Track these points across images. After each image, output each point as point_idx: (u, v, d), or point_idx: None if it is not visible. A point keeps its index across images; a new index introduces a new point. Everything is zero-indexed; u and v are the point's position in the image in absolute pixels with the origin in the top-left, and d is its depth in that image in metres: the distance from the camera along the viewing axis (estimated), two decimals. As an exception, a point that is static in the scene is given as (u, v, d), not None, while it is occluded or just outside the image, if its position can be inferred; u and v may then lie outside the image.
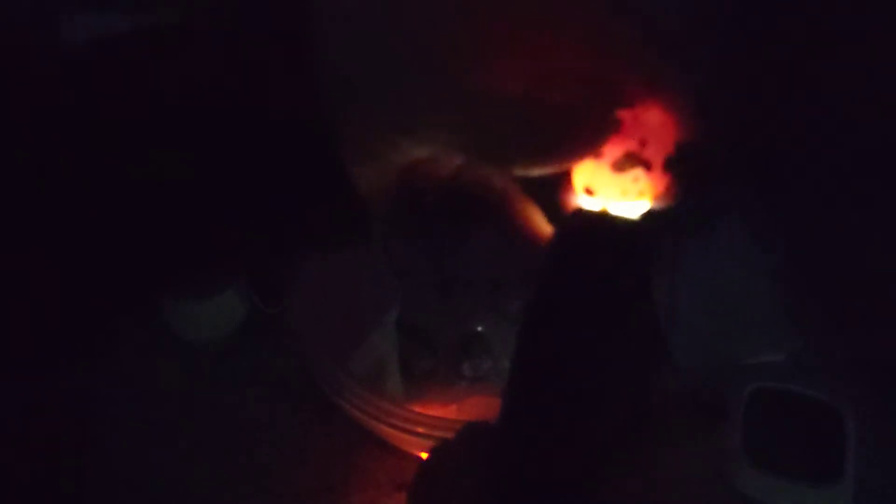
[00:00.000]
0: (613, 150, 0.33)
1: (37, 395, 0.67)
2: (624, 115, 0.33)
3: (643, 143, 0.33)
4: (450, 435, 0.59)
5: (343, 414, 0.62)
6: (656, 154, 0.34)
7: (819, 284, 0.74)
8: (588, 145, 0.32)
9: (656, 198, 0.35)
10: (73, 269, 0.30)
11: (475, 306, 0.70)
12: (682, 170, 0.34)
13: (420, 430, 0.59)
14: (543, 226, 0.37)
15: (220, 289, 0.70)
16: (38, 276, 0.29)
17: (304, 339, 0.64)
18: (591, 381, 0.31)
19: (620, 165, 0.34)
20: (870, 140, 0.68)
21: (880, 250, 0.68)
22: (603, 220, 0.34)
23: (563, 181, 0.36)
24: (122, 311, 0.33)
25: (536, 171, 0.33)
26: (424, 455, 0.63)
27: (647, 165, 0.33)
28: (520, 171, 0.33)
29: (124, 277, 0.31)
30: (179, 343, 0.72)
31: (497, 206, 0.37)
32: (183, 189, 0.28)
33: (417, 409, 0.61)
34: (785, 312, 0.72)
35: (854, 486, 0.58)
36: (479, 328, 0.69)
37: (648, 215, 0.35)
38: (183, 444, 0.66)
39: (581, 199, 0.36)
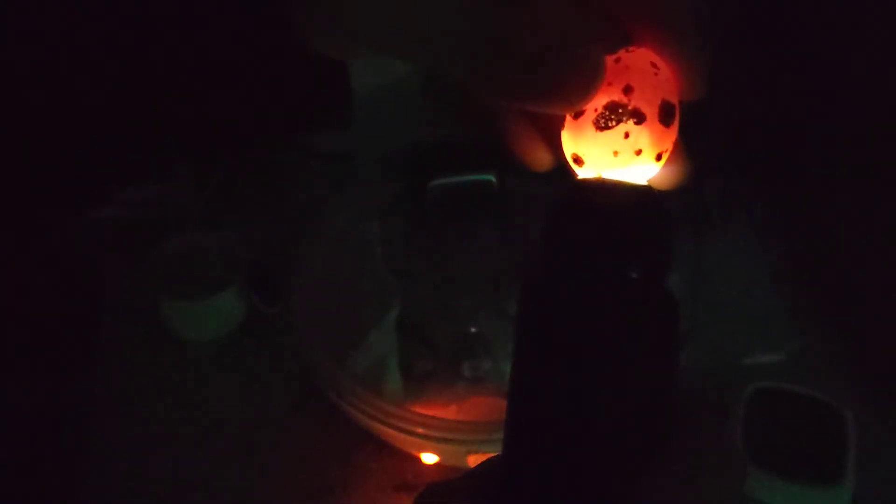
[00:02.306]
0: (595, 101, 0.28)
1: (37, 395, 0.67)
2: (607, 59, 0.28)
3: (628, 91, 0.27)
4: (448, 435, 0.59)
5: (343, 414, 0.62)
6: (647, 103, 0.27)
7: (819, 284, 0.74)
8: (564, 81, 0.27)
9: (663, 157, 0.28)
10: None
11: (475, 306, 0.70)
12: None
13: (420, 430, 0.59)
14: (542, 154, 0.32)
15: (220, 289, 0.70)
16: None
17: (304, 340, 0.64)
18: (604, 395, 0.26)
19: (605, 120, 0.27)
20: (871, 140, 0.68)
21: (880, 250, 0.68)
22: (605, 190, 0.28)
23: (553, 149, 0.31)
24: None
25: (503, 99, 0.28)
26: (423, 456, 0.63)
27: (639, 117, 0.27)
28: (481, 92, 0.28)
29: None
30: (179, 343, 0.72)
31: (497, 124, 0.32)
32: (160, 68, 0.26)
33: (417, 409, 0.61)
34: (785, 312, 0.72)
35: (854, 486, 0.58)
36: (479, 328, 0.69)
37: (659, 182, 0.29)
38: (183, 444, 0.66)
39: (575, 170, 0.29)
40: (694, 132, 0.30)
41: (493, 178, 0.73)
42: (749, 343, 0.70)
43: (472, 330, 0.69)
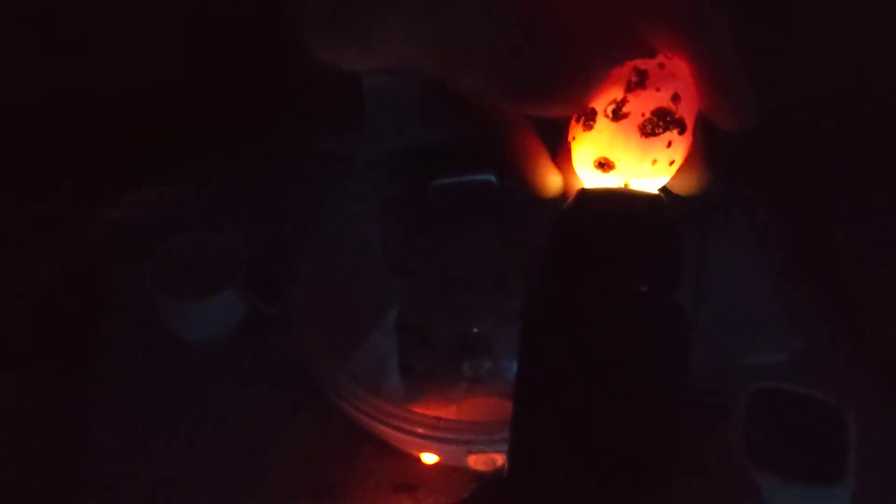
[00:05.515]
0: (642, 106, 0.26)
1: (36, 395, 0.67)
2: (648, 64, 0.27)
3: (676, 99, 0.26)
4: (448, 435, 0.59)
5: (343, 414, 0.62)
6: (689, 114, 0.27)
7: (819, 284, 0.74)
8: (580, 83, 0.26)
9: (680, 168, 0.28)
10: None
11: (475, 306, 0.70)
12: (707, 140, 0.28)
13: (420, 430, 0.59)
14: (548, 171, 0.30)
15: (220, 289, 0.70)
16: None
17: (303, 340, 0.64)
18: (612, 409, 0.26)
19: (652, 126, 0.26)
20: (871, 140, 0.68)
21: (880, 250, 0.68)
22: (614, 199, 0.27)
23: (558, 155, 0.30)
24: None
25: (518, 98, 0.27)
26: (423, 456, 0.63)
27: (682, 127, 0.26)
28: (496, 93, 0.27)
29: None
30: (179, 343, 0.72)
31: (501, 138, 0.30)
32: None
33: (417, 409, 0.61)
34: (785, 312, 0.72)
35: (854, 486, 0.58)
36: (479, 328, 0.69)
37: (669, 191, 0.28)
38: (183, 444, 0.66)
39: (588, 177, 0.28)
40: (721, 136, 0.29)
41: (493, 178, 0.73)
42: (749, 343, 0.70)
43: (473, 330, 0.69)
